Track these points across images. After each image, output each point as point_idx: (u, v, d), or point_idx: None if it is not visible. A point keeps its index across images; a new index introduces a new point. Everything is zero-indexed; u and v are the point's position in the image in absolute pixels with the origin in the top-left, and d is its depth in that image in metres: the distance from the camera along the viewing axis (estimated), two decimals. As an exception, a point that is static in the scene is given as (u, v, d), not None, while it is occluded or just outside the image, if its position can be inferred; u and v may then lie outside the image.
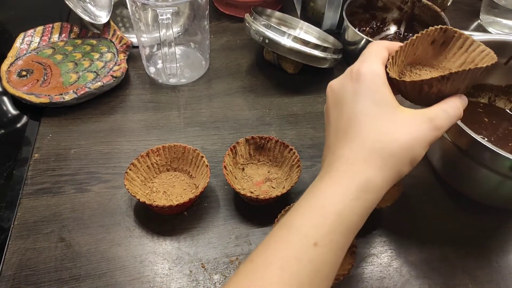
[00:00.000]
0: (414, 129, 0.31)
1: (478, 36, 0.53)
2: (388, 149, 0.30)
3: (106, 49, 0.66)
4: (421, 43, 0.37)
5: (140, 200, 0.45)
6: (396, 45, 0.36)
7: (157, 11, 0.55)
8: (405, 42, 0.36)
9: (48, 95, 0.58)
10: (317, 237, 0.28)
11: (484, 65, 0.33)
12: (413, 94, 0.36)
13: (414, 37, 0.36)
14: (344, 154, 0.31)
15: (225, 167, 0.48)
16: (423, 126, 0.31)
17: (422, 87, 0.34)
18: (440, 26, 0.37)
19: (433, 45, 0.37)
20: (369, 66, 0.33)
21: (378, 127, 0.31)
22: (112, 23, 0.68)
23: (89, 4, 0.67)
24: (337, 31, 0.75)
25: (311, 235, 0.28)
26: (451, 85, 0.34)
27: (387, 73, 0.34)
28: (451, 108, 0.33)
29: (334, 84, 0.35)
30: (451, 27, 0.37)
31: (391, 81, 0.34)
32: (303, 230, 0.29)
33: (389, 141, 0.31)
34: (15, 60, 0.63)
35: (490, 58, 0.35)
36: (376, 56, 0.34)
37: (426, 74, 0.38)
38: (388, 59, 0.35)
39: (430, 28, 0.36)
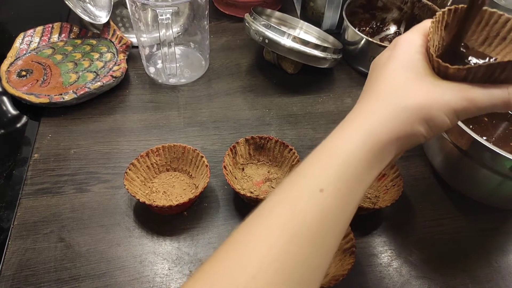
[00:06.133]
0: (437, 91, 0.30)
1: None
2: (401, 103, 0.30)
3: (106, 49, 0.66)
4: (436, 32, 0.33)
5: (140, 200, 0.45)
6: None
7: (157, 11, 0.55)
8: (428, 30, 0.32)
9: (48, 95, 0.58)
10: (323, 184, 0.28)
11: None
12: (482, 80, 0.30)
13: (429, 27, 0.32)
14: (357, 108, 0.32)
15: (225, 167, 0.48)
16: (449, 92, 0.30)
17: (495, 71, 0.29)
18: (447, 7, 0.33)
19: (448, 30, 0.34)
20: (407, 35, 0.33)
21: (397, 84, 0.31)
22: (111, 23, 0.68)
23: (89, 4, 0.66)
24: (337, 31, 0.75)
25: (318, 181, 0.28)
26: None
27: (447, 66, 0.30)
28: (497, 90, 0.30)
29: (376, 57, 0.36)
30: (461, 5, 0.33)
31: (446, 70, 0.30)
32: (310, 176, 0.29)
33: (404, 96, 0.30)
34: (14, 60, 0.63)
35: None
36: (418, 29, 0.34)
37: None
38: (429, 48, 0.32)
39: (438, 13, 0.33)
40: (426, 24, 0.33)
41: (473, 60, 0.34)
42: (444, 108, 0.29)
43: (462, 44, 0.34)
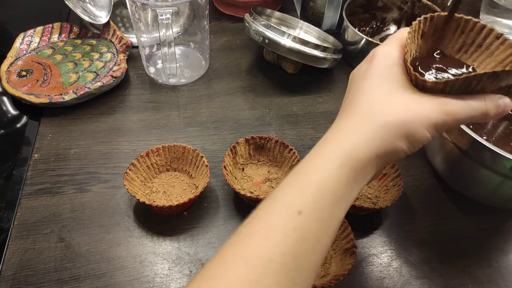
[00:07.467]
0: (417, 106, 0.29)
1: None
2: (381, 119, 0.29)
3: (106, 49, 0.66)
4: (413, 41, 0.33)
5: (140, 200, 0.45)
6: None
7: (157, 11, 0.55)
8: (405, 41, 0.32)
9: (48, 95, 0.58)
10: (301, 206, 0.27)
11: None
12: (459, 92, 0.31)
13: (406, 38, 0.32)
14: (335, 125, 0.31)
15: (225, 167, 0.48)
16: (428, 106, 0.29)
17: (471, 83, 0.30)
18: (423, 16, 0.33)
19: (424, 38, 0.34)
20: (384, 47, 0.33)
21: (376, 99, 0.30)
22: (111, 23, 0.68)
23: (89, 4, 0.66)
24: (337, 31, 0.75)
25: (295, 203, 0.27)
26: (494, 84, 0.30)
27: (425, 80, 0.30)
28: (475, 101, 0.30)
29: (354, 69, 0.35)
30: (437, 13, 0.33)
31: (424, 83, 0.31)
32: (288, 199, 0.28)
33: (384, 113, 0.29)
34: (14, 60, 0.63)
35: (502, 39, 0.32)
36: (395, 39, 0.33)
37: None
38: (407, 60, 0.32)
39: (414, 22, 0.32)
40: (403, 34, 0.33)
41: (450, 70, 0.34)
42: (424, 123, 0.29)
43: (439, 51, 0.35)
